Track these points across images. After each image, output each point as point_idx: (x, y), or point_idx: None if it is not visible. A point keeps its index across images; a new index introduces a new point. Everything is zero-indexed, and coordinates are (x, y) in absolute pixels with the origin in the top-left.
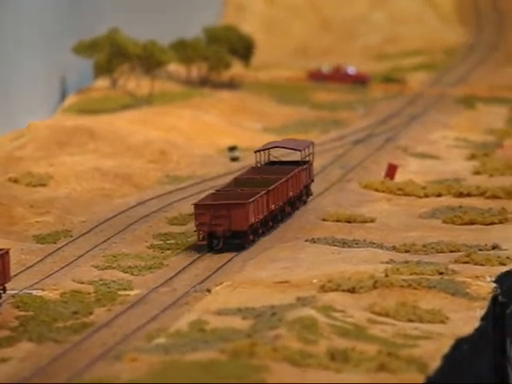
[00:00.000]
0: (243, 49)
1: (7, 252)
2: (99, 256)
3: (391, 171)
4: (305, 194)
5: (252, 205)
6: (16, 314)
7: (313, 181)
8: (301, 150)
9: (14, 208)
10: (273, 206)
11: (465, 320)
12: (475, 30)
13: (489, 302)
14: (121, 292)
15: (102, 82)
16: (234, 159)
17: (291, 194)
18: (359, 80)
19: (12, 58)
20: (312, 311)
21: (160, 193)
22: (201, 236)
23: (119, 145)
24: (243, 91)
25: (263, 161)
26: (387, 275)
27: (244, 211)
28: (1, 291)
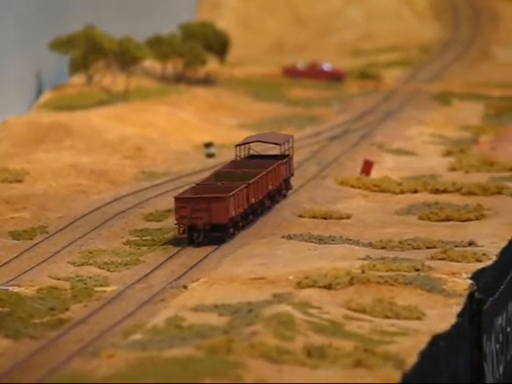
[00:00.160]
0: (219, 45)
1: None
2: (75, 252)
3: (367, 167)
4: (284, 188)
5: (232, 198)
6: None
7: (292, 175)
8: (280, 144)
9: None
10: (253, 200)
11: (441, 316)
12: (451, 27)
13: (465, 299)
14: (97, 288)
15: (78, 79)
16: (210, 155)
17: (271, 188)
18: (335, 76)
19: None
20: (288, 307)
21: (136, 189)
22: (181, 229)
23: (95, 141)
24: (219, 88)
25: (243, 155)
26: (364, 272)
27: (224, 205)
28: None
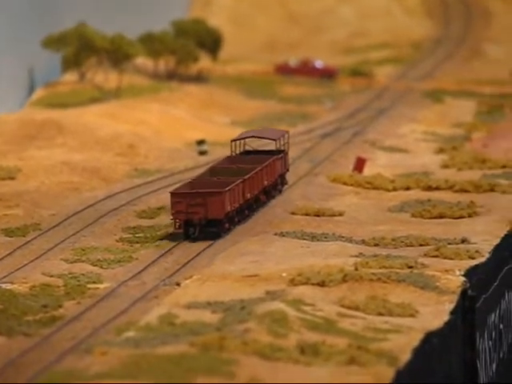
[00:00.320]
0: (211, 42)
1: None
2: (68, 249)
3: (360, 165)
4: (280, 184)
5: (228, 193)
6: None
7: (288, 170)
8: (276, 140)
9: None
10: (248, 195)
11: (434, 314)
12: (442, 24)
13: (458, 296)
14: (90, 285)
15: (70, 76)
16: (202, 153)
17: (266, 183)
18: (327, 74)
19: None
20: (282, 305)
21: (128, 186)
22: (177, 224)
23: (87, 138)
24: (211, 85)
25: (238, 150)
26: (357, 269)
27: (220, 200)
28: None
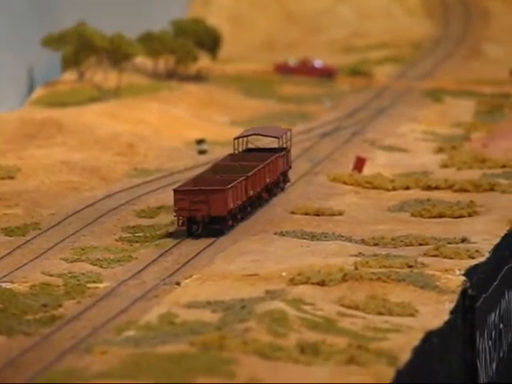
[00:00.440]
0: (210, 42)
1: None
2: (68, 249)
3: (359, 164)
4: (282, 181)
5: (231, 191)
6: None
7: (290, 167)
8: (278, 138)
9: None
10: (251, 192)
11: (434, 313)
12: (442, 23)
13: (458, 296)
14: (90, 285)
15: (70, 75)
16: (202, 152)
17: (268, 181)
18: (326, 73)
19: None
20: (282, 304)
21: (128, 186)
22: (180, 221)
23: (87, 138)
24: (210, 84)
25: (241, 148)
26: (356, 268)
27: (223, 197)
28: None
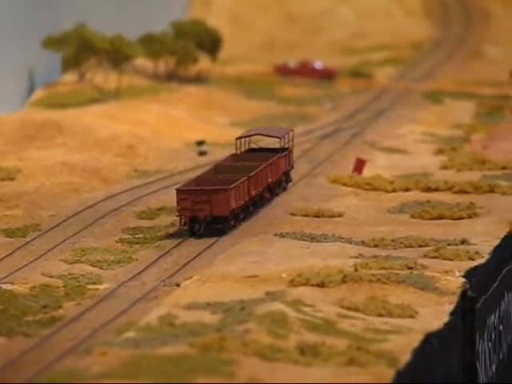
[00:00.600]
0: (210, 43)
1: None
2: (68, 250)
3: (359, 166)
4: (284, 181)
5: (233, 191)
6: None
7: (292, 167)
8: (280, 138)
9: None
10: (253, 192)
11: (434, 315)
12: (442, 25)
13: (458, 297)
14: (90, 286)
15: (70, 77)
16: (202, 153)
17: (270, 181)
18: (326, 75)
19: None
20: (281, 305)
21: (128, 187)
22: (183, 221)
23: (87, 139)
24: (210, 86)
25: (243, 148)
26: (356, 270)
27: (225, 197)
28: None
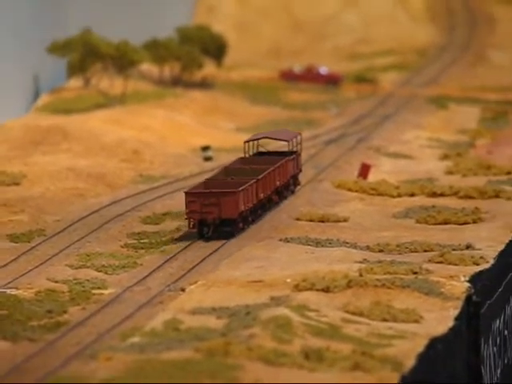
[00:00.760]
0: (215, 49)
1: None
2: (73, 255)
3: (364, 171)
4: (292, 184)
5: (242, 193)
6: None
7: (301, 170)
8: (288, 141)
9: None
10: (261, 195)
11: (439, 320)
12: (447, 30)
13: (463, 302)
14: (95, 291)
15: (75, 82)
16: (207, 159)
17: (279, 184)
18: (331, 80)
19: None
20: (286, 310)
21: (133, 192)
22: (191, 224)
23: (92, 144)
24: (216, 91)
25: (252, 151)
26: (361, 275)
27: (234, 199)
28: None
